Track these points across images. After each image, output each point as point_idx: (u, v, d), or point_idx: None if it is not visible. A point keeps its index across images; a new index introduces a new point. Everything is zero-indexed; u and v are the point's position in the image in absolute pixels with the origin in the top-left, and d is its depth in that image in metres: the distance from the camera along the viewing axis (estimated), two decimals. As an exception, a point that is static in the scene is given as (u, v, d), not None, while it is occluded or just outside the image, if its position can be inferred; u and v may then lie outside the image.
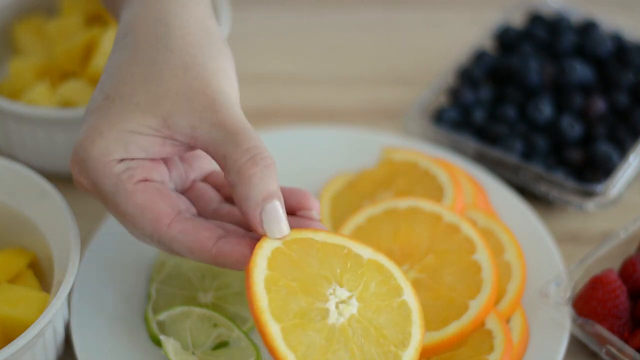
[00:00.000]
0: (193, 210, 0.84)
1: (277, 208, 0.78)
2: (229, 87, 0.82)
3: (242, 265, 0.79)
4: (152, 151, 0.81)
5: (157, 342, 0.91)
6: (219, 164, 0.80)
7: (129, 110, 0.80)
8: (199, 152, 0.87)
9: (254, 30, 1.26)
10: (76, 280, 0.93)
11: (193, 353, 0.89)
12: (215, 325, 0.90)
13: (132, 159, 0.80)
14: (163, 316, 0.91)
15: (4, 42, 1.13)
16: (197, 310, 0.91)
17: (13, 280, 0.91)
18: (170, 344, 0.88)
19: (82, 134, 0.81)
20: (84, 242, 0.97)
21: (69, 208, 0.90)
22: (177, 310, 0.91)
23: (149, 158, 0.81)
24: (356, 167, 1.05)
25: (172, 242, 0.80)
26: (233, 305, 0.93)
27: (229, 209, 0.85)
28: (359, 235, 0.95)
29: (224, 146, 0.79)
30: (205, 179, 0.88)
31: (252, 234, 0.81)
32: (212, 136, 0.79)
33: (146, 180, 0.81)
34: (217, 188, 0.87)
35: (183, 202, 0.83)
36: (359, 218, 0.96)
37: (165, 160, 0.84)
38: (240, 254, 0.79)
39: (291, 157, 1.06)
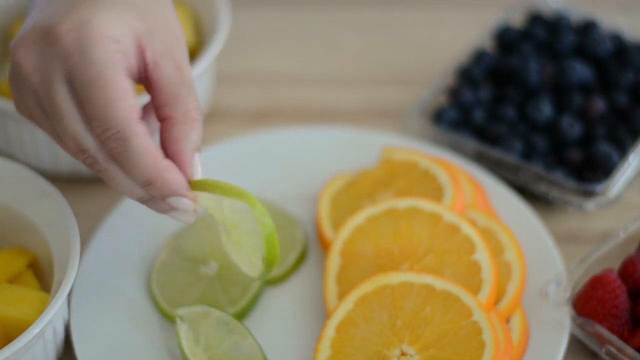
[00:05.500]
0: None
1: (199, 159, 0.84)
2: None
3: (179, 189, 0.82)
4: (129, 54, 0.81)
5: (167, 316, 0.93)
6: (163, 98, 0.83)
7: (128, 6, 0.81)
8: None
9: (254, 30, 1.26)
10: (76, 280, 0.93)
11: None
12: (230, 331, 0.90)
13: (124, 49, 0.81)
14: (182, 312, 0.91)
15: (4, 42, 1.13)
16: (217, 313, 0.91)
17: (13, 280, 0.91)
18: (183, 330, 0.89)
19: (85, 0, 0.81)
20: (84, 242, 0.97)
21: (69, 208, 0.90)
22: (198, 308, 0.91)
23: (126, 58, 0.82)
24: (356, 167, 1.05)
25: (135, 136, 0.79)
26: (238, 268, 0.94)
27: None
28: (359, 235, 0.95)
29: (180, 87, 0.83)
30: None
31: None
32: (173, 74, 0.83)
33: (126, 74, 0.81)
34: None
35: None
36: (358, 218, 0.96)
37: None
38: (180, 180, 0.82)
39: (291, 157, 1.06)
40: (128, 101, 0.79)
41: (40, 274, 0.93)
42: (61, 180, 1.04)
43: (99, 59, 0.79)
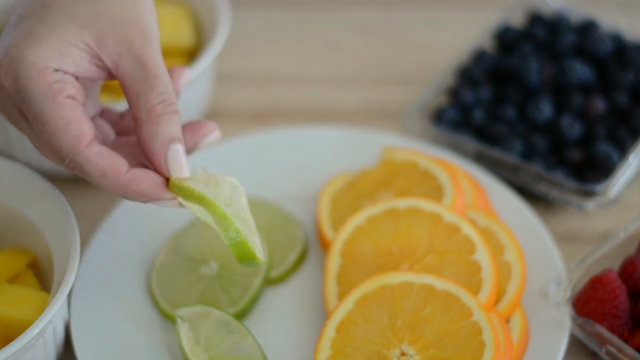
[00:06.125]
0: (101, 139, 0.85)
1: (180, 150, 0.81)
2: (156, 28, 0.84)
3: (153, 195, 0.81)
4: (82, 68, 0.81)
5: (167, 316, 0.93)
6: (129, 99, 0.82)
7: (68, 21, 0.81)
8: (96, 89, 0.88)
9: (254, 30, 1.26)
10: (76, 280, 0.93)
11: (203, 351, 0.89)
12: (230, 331, 0.90)
13: (65, 72, 0.81)
14: (182, 312, 0.91)
15: (4, 42, 1.12)
16: (217, 313, 0.91)
17: (13, 280, 0.91)
18: (184, 330, 0.89)
19: (17, 35, 0.81)
20: (84, 242, 0.97)
21: (69, 208, 0.90)
22: (198, 308, 0.91)
23: (77, 76, 0.81)
24: (356, 167, 1.05)
25: (86, 162, 0.80)
26: (239, 268, 0.94)
27: (124, 141, 0.87)
28: (359, 235, 0.95)
29: (141, 84, 0.81)
30: (100, 114, 0.89)
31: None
32: (133, 71, 0.81)
33: (73, 97, 0.81)
34: (110, 124, 0.89)
35: (96, 130, 0.84)
36: (358, 218, 0.96)
37: None
38: (152, 182, 0.81)
39: (291, 157, 1.06)
40: (71, 131, 0.79)
41: (40, 274, 0.93)
42: (61, 180, 1.04)
43: (35, 95, 0.79)
